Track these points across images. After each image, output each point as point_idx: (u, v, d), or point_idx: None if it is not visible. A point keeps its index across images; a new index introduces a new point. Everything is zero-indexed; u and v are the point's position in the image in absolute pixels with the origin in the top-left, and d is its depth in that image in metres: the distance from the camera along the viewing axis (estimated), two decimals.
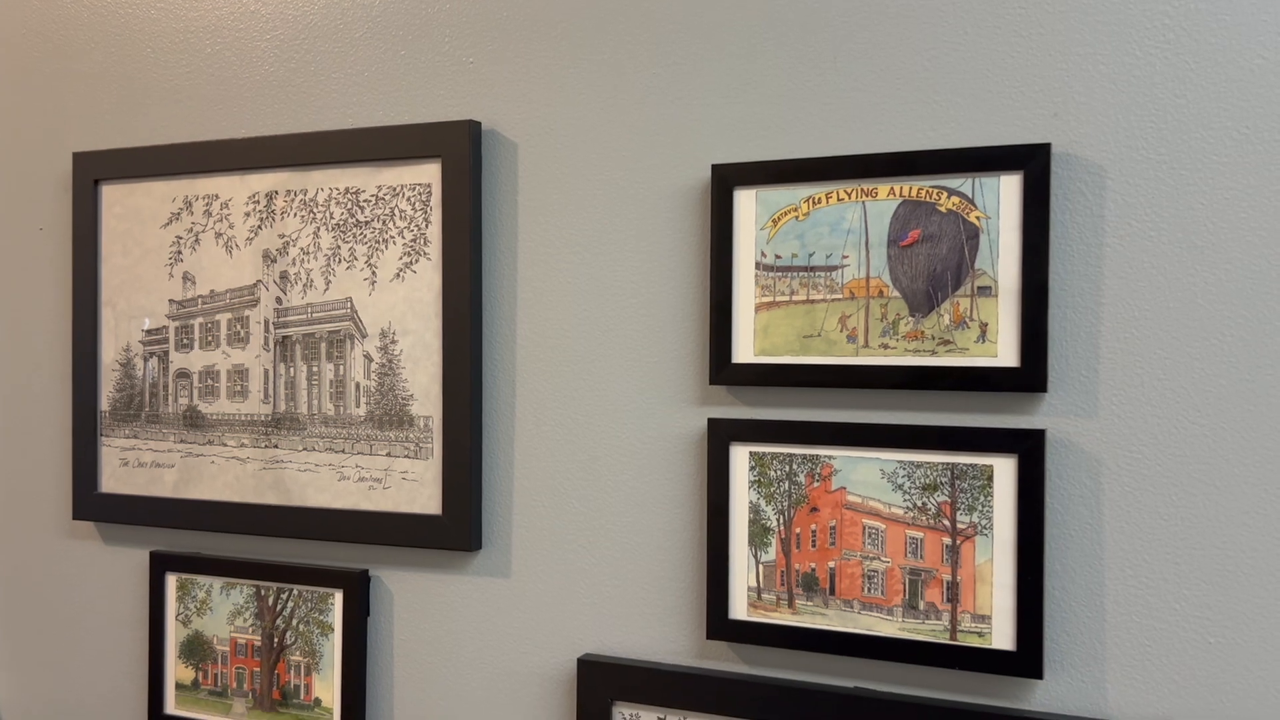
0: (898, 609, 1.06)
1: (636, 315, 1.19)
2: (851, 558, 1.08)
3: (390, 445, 1.29)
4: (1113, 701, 1.00)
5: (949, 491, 1.04)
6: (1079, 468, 1.01)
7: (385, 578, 1.31)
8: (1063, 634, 1.02)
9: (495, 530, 1.26)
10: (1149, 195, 0.99)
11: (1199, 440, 0.98)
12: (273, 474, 1.35)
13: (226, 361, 1.38)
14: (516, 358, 1.24)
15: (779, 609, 1.11)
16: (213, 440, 1.39)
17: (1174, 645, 0.98)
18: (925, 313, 1.05)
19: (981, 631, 1.03)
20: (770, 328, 1.11)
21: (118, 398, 1.45)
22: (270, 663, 1.35)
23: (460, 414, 1.24)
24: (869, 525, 1.08)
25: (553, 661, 1.23)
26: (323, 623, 1.32)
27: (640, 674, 1.16)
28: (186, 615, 1.41)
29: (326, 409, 1.32)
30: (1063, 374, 1.02)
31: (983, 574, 1.03)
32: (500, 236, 1.25)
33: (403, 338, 1.28)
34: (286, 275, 1.34)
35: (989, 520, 1.03)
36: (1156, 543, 0.99)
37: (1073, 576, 1.02)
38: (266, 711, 1.35)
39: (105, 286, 1.46)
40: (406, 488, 1.28)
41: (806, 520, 1.10)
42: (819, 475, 1.10)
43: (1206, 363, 0.97)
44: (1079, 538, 1.01)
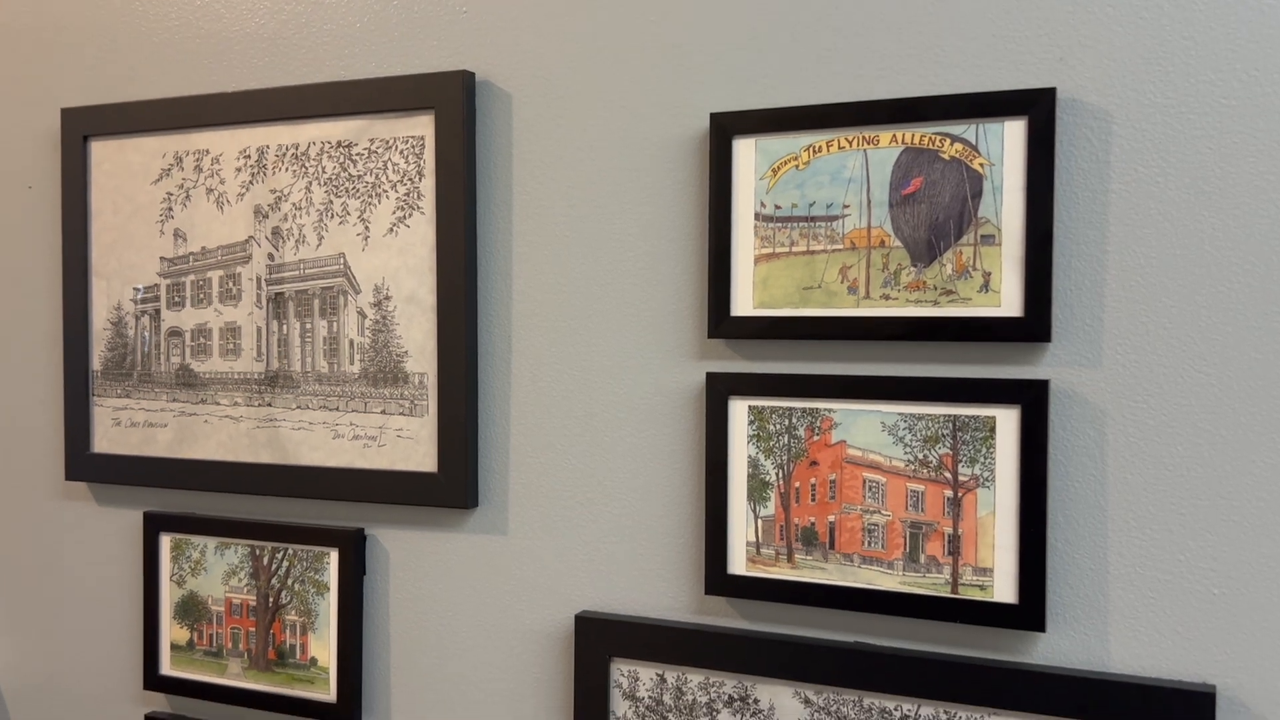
0: (898, 563, 1.05)
1: (634, 268, 1.17)
2: (851, 511, 1.07)
3: (385, 403, 1.27)
4: (1115, 654, 0.99)
5: (951, 444, 1.03)
6: (1083, 419, 1.00)
7: (381, 536, 1.30)
8: (1065, 587, 1.01)
9: (491, 487, 1.24)
10: (1155, 141, 0.97)
11: (1204, 389, 0.96)
12: (266, 432, 1.34)
13: (219, 319, 1.36)
14: (512, 313, 1.23)
15: (778, 564, 1.10)
16: (206, 399, 1.37)
17: (1177, 597, 0.97)
18: (927, 262, 1.04)
19: (983, 584, 1.02)
20: (770, 280, 1.09)
21: (109, 357, 1.43)
22: (265, 623, 1.35)
23: (455, 370, 1.23)
24: (869, 479, 1.06)
25: (550, 619, 1.22)
26: (318, 582, 1.31)
27: (638, 630, 1.15)
28: (181, 576, 1.39)
29: (320, 367, 1.31)
30: (1066, 324, 1.00)
31: (984, 527, 1.02)
32: (495, 189, 1.23)
33: (396, 294, 1.26)
34: (279, 231, 1.32)
35: (991, 472, 1.01)
36: (1160, 494, 0.98)
37: (1076, 529, 1.00)
38: (262, 671, 1.35)
39: (95, 244, 1.44)
40: (402, 445, 1.26)
41: (806, 474, 1.09)
42: (819, 429, 1.08)
43: (1212, 310, 0.96)
44: (1082, 489, 1.00)
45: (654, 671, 1.15)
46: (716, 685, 1.12)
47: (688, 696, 1.13)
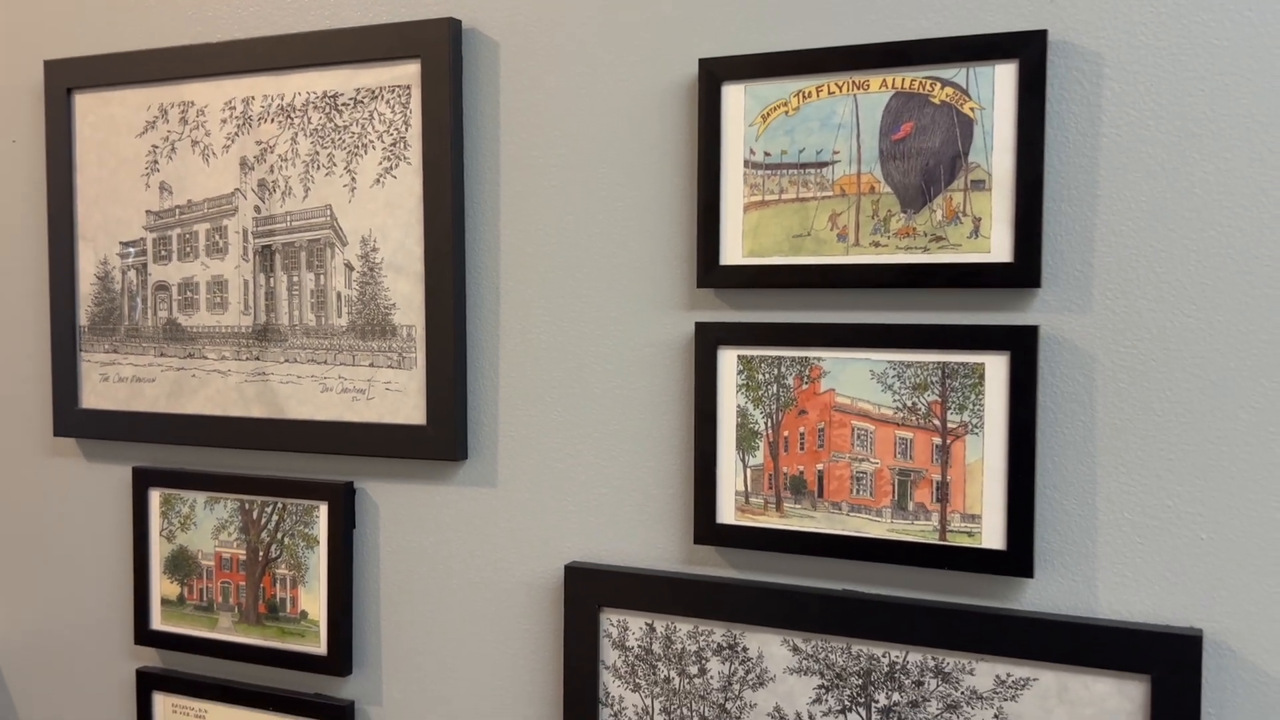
0: (886, 510, 1.05)
1: (623, 218, 1.16)
2: (840, 460, 1.07)
3: (373, 355, 1.26)
4: (1103, 600, 0.99)
5: (939, 391, 1.03)
6: (1072, 364, 0.99)
7: (370, 490, 1.30)
8: (1053, 533, 1.01)
9: (481, 440, 1.24)
10: (1147, 83, 0.96)
11: (1193, 334, 0.96)
12: (255, 386, 1.33)
13: (205, 273, 1.36)
14: (500, 264, 1.22)
15: (766, 512, 1.10)
16: (194, 353, 1.36)
17: (1165, 542, 0.97)
18: (917, 209, 1.03)
19: (971, 531, 1.02)
20: (759, 228, 1.08)
21: (96, 312, 1.42)
22: (256, 576, 1.34)
23: (443, 322, 1.22)
24: (858, 427, 1.06)
25: (540, 570, 1.22)
26: (308, 535, 1.31)
27: (627, 580, 1.15)
28: (171, 531, 1.39)
29: (308, 320, 1.30)
30: (1056, 269, 0.99)
31: (973, 473, 1.02)
32: (482, 139, 1.22)
33: (384, 245, 1.25)
34: (265, 183, 1.31)
35: (980, 419, 1.01)
36: (1149, 439, 0.97)
37: (1064, 475, 1.00)
38: (253, 625, 1.35)
39: (81, 199, 1.42)
40: (390, 398, 1.26)
41: (795, 423, 1.09)
42: (808, 377, 1.08)
43: (1202, 254, 0.95)
44: (1071, 435, 1.00)
45: (643, 621, 1.15)
46: (705, 634, 1.12)
47: (677, 645, 1.13)
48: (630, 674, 1.15)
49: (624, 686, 1.16)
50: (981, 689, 1.01)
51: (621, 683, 1.16)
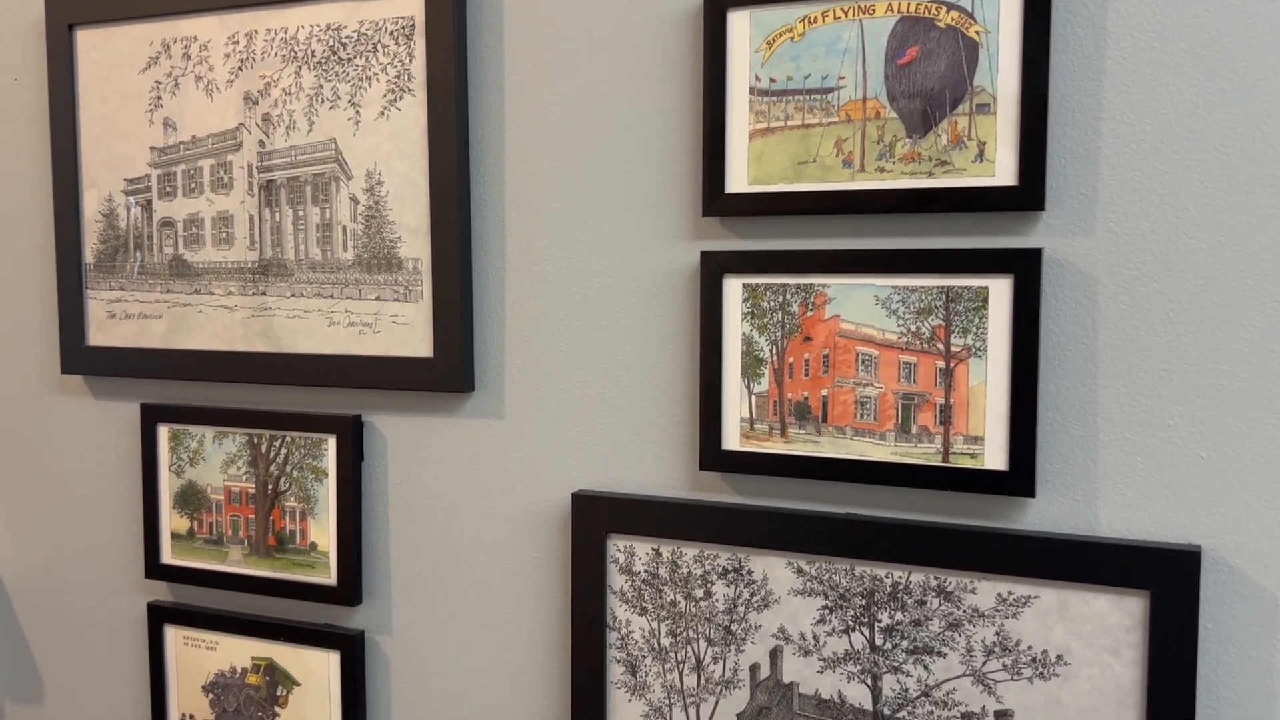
0: (890, 434, 1.06)
1: (628, 148, 1.16)
2: (844, 385, 1.08)
3: (379, 289, 1.27)
4: (1104, 519, 1.01)
5: (943, 315, 1.04)
6: (1075, 287, 1.00)
7: (378, 423, 1.31)
8: (1055, 454, 1.02)
9: (488, 372, 1.25)
10: (1152, 4, 0.96)
11: (1197, 255, 0.97)
12: (261, 321, 1.34)
13: (211, 209, 1.36)
14: (505, 195, 1.22)
15: (771, 438, 1.11)
16: (200, 289, 1.37)
17: (1166, 461, 0.99)
18: (922, 133, 1.03)
19: (974, 453, 1.03)
20: (764, 155, 1.09)
21: (102, 249, 1.43)
22: (265, 509, 1.36)
23: (449, 255, 1.22)
24: (862, 352, 1.07)
25: (547, 499, 1.23)
26: (316, 468, 1.32)
27: (634, 507, 1.16)
28: (180, 466, 1.41)
29: (314, 254, 1.30)
30: (1060, 192, 1.00)
31: (976, 396, 1.03)
32: (486, 70, 1.22)
33: (389, 178, 1.25)
34: (269, 117, 1.31)
35: (983, 342, 1.02)
36: (1151, 359, 0.99)
37: (1066, 396, 1.01)
38: (263, 558, 1.36)
39: (84, 136, 1.42)
40: (397, 331, 1.27)
41: (799, 350, 1.10)
42: (812, 304, 1.09)
43: (1206, 176, 0.96)
44: (1073, 357, 1.01)
45: (649, 546, 1.17)
46: (711, 558, 1.14)
47: (683, 569, 1.15)
48: (637, 598, 1.17)
49: (631, 610, 1.17)
50: (983, 607, 1.03)
51: (628, 607, 1.18)
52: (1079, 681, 1.00)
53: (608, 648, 1.19)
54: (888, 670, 1.07)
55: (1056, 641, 1.01)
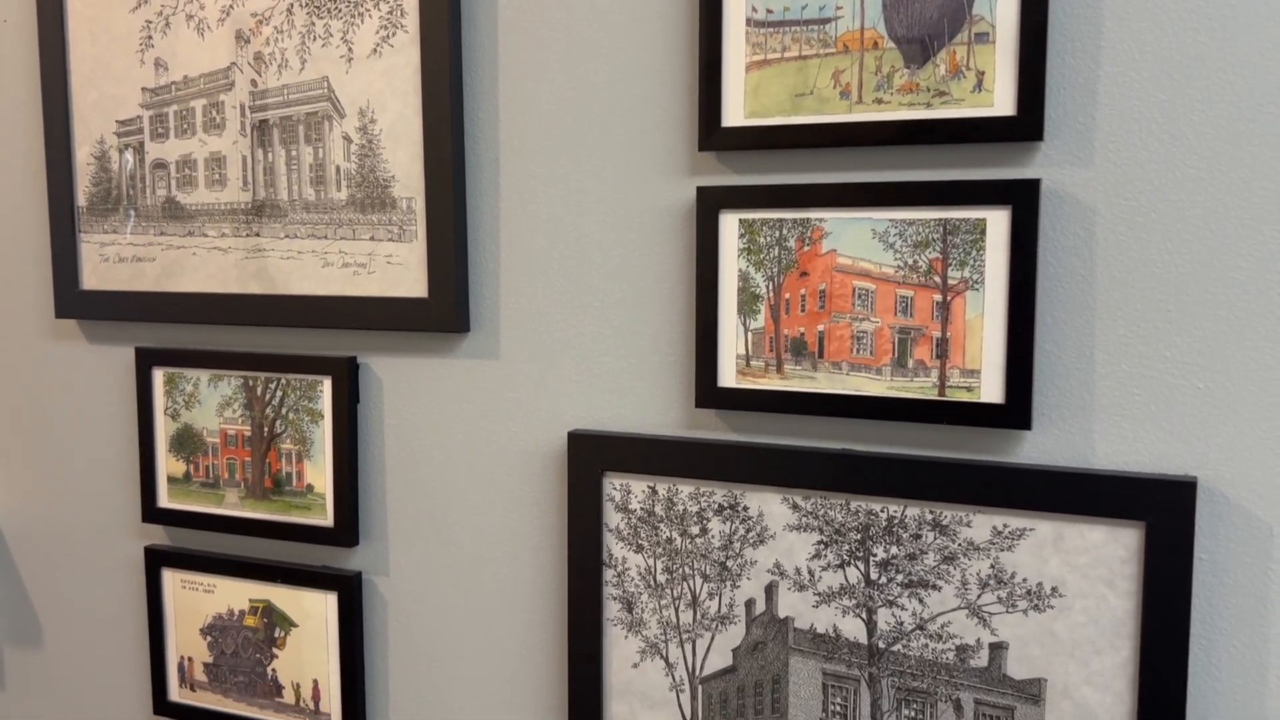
0: (886, 368, 1.06)
1: (623, 83, 1.15)
2: (841, 320, 1.07)
3: (373, 229, 1.26)
4: (1100, 451, 1.01)
5: (941, 248, 1.03)
6: (1073, 218, 1.00)
7: (374, 364, 1.31)
8: (1051, 386, 1.02)
9: (483, 312, 1.24)
10: None
11: (1196, 185, 0.96)
12: (255, 263, 1.33)
13: (203, 150, 1.35)
14: (500, 133, 1.21)
15: (767, 375, 1.11)
16: (193, 231, 1.36)
17: (1163, 393, 0.99)
18: (920, 64, 1.02)
19: (970, 386, 1.03)
20: (761, 88, 1.08)
21: (94, 192, 1.42)
22: (261, 452, 1.36)
23: (443, 193, 1.22)
24: (859, 286, 1.07)
25: (543, 438, 1.23)
26: (312, 410, 1.32)
27: (630, 445, 1.16)
28: (175, 409, 1.40)
29: (307, 194, 1.29)
30: (1059, 122, 0.99)
31: (973, 329, 1.02)
32: (479, 5, 1.20)
33: (382, 116, 1.24)
34: (260, 56, 1.30)
35: (980, 275, 1.02)
36: (1148, 290, 0.98)
37: (1063, 329, 1.01)
38: (259, 500, 1.36)
39: (75, 77, 1.41)
40: (391, 272, 1.26)
41: (796, 285, 1.09)
42: (809, 239, 1.08)
43: (1207, 104, 0.95)
44: (1071, 289, 1.00)
45: (645, 484, 1.17)
46: (707, 495, 1.14)
47: (678, 507, 1.15)
48: (633, 536, 1.17)
49: (627, 548, 1.18)
50: (978, 540, 1.03)
51: (624, 544, 1.18)
52: (1074, 613, 1.01)
53: (604, 585, 1.19)
54: (883, 604, 1.07)
55: (1051, 573, 1.01)
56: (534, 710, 1.27)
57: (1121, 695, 0.99)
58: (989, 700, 1.04)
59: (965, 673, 1.05)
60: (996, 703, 1.04)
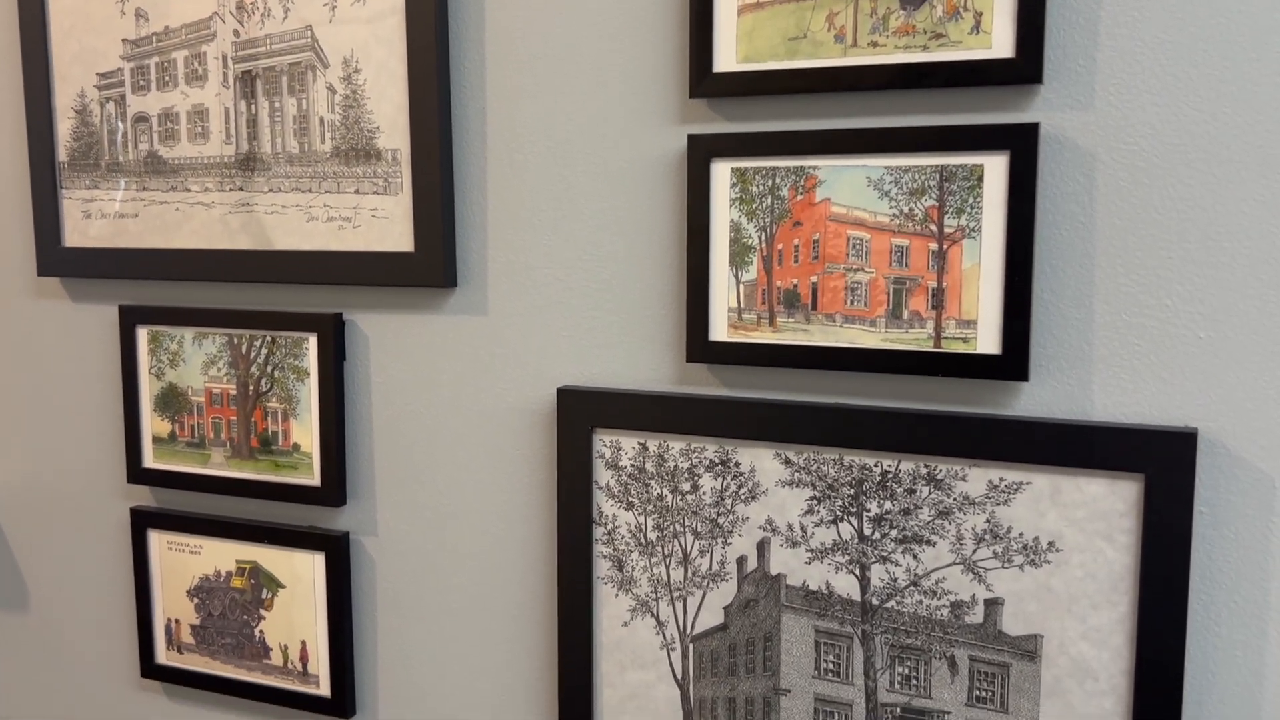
0: (881, 320, 1.04)
1: (612, 29, 1.12)
2: (835, 271, 1.05)
3: (358, 181, 1.24)
4: (1098, 402, 0.99)
5: (937, 195, 1.00)
6: (1072, 164, 0.97)
7: (360, 321, 1.28)
8: (1049, 337, 0.99)
9: (470, 266, 1.22)
10: None
11: (1198, 129, 0.93)
12: (240, 218, 1.30)
13: (186, 102, 1.32)
14: (486, 81, 1.18)
15: (760, 328, 1.08)
16: (176, 186, 1.34)
17: (1163, 342, 0.96)
18: (917, 5, 0.99)
19: (966, 337, 1.01)
20: (754, 32, 1.05)
21: (75, 147, 1.39)
22: (246, 411, 1.34)
23: (429, 144, 1.19)
24: (853, 236, 1.04)
25: (533, 395, 1.21)
26: (298, 368, 1.30)
27: (620, 400, 1.14)
28: (160, 368, 1.38)
29: (291, 147, 1.27)
30: (1059, 64, 0.96)
31: (969, 278, 1.00)
32: None
33: (366, 66, 1.21)
34: (243, 5, 1.27)
35: (977, 223, 0.99)
36: (1149, 237, 0.96)
37: (1062, 278, 0.99)
38: (245, 459, 1.34)
39: (54, 29, 1.38)
40: (377, 225, 1.23)
41: (789, 236, 1.06)
42: (803, 188, 1.05)
43: (1210, 45, 0.92)
44: (1070, 237, 0.98)
45: (636, 440, 1.14)
46: (698, 451, 1.12)
47: (669, 463, 1.13)
48: (623, 493, 1.15)
49: (617, 505, 1.16)
50: (974, 494, 1.01)
51: (615, 502, 1.16)
52: (1071, 568, 0.99)
53: (594, 543, 1.17)
54: (876, 560, 1.05)
55: (1048, 528, 0.99)
56: (523, 670, 1.25)
57: (1119, 651, 0.98)
58: (984, 657, 1.02)
59: (960, 629, 1.03)
60: (992, 660, 1.02)
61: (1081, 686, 0.99)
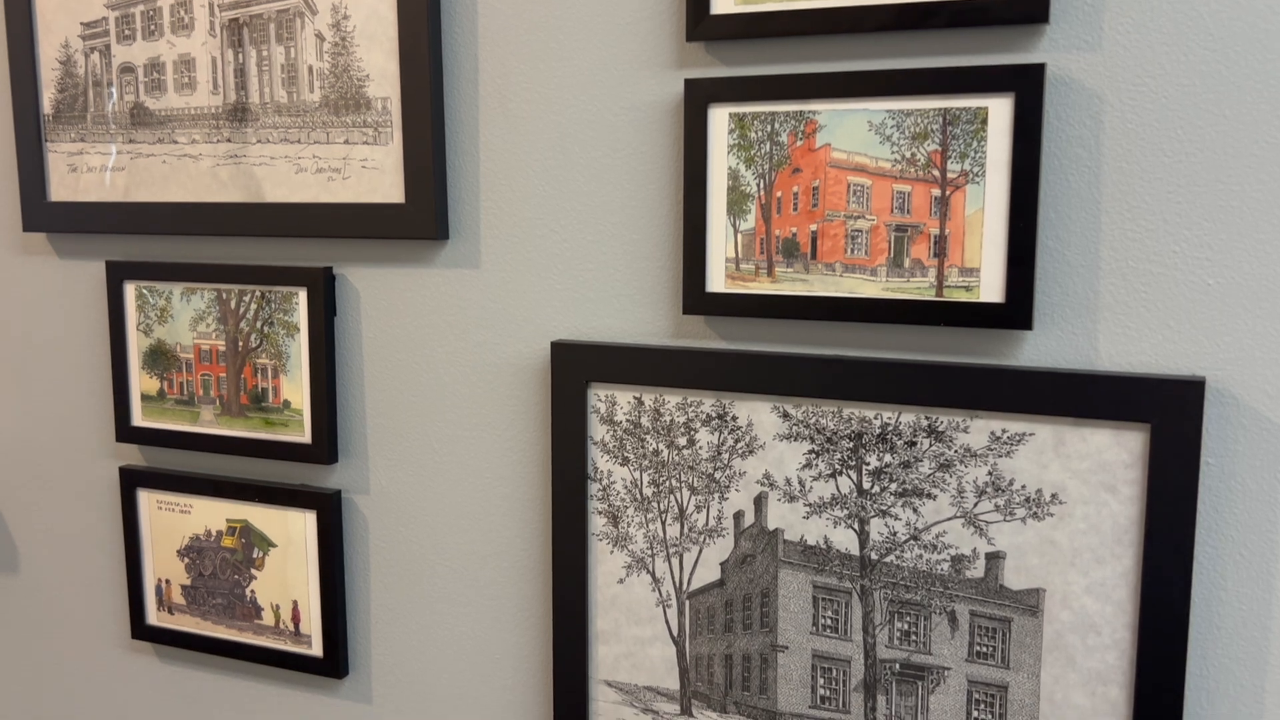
0: (881, 269, 1.01)
1: None
2: (835, 219, 1.03)
3: (348, 131, 1.21)
4: (1104, 351, 0.96)
5: (940, 139, 0.98)
6: (1079, 106, 0.94)
7: (350, 275, 1.26)
8: (1054, 284, 0.97)
9: (462, 218, 1.19)
10: None
11: (1209, 69, 0.90)
12: (227, 170, 1.28)
13: (172, 52, 1.29)
14: (478, 27, 1.15)
15: (758, 278, 1.06)
16: (163, 138, 1.31)
17: (1170, 290, 0.94)
18: None
19: (969, 285, 0.98)
20: None
21: (60, 99, 1.36)
22: (236, 367, 1.31)
23: (420, 92, 1.16)
24: (854, 182, 1.01)
25: (526, 349, 1.19)
26: (288, 323, 1.28)
27: (615, 354, 1.12)
28: (148, 324, 1.36)
29: (279, 96, 1.24)
30: (1066, 3, 0.94)
31: (972, 225, 0.98)
32: None
33: (355, 12, 1.18)
34: None
35: (981, 167, 0.97)
36: (1158, 181, 0.93)
37: (1067, 224, 0.96)
38: (235, 417, 1.32)
39: None
40: (367, 176, 1.21)
41: (788, 183, 1.04)
42: (803, 133, 1.03)
43: None
44: (1076, 181, 0.95)
45: (631, 395, 1.12)
46: (694, 405, 1.10)
47: (665, 418, 1.11)
48: (619, 448, 1.13)
49: (612, 461, 1.14)
50: (975, 446, 0.99)
51: (610, 457, 1.14)
52: (1074, 520, 0.97)
53: (589, 499, 1.15)
54: (875, 514, 1.03)
55: (1051, 480, 0.97)
56: (518, 627, 1.23)
57: (1122, 605, 0.96)
58: (985, 612, 1.00)
59: (960, 584, 1.01)
60: (993, 614, 1.00)
61: (1084, 641, 0.97)
